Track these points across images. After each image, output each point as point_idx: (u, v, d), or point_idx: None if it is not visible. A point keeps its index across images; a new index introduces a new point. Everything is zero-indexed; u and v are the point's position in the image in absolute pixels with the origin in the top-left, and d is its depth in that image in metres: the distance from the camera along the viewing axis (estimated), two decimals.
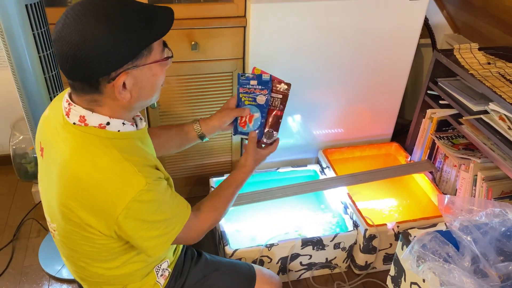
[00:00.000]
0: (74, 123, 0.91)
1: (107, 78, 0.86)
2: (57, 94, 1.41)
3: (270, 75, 1.26)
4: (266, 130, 1.28)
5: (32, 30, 1.27)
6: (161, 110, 1.79)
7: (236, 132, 1.30)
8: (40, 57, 1.32)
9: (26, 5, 1.23)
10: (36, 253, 1.74)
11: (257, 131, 1.27)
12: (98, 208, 0.89)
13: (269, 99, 1.27)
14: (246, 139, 1.29)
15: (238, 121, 1.29)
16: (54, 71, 1.39)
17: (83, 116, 0.91)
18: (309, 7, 1.63)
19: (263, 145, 1.29)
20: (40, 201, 1.93)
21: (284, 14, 1.62)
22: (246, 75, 1.27)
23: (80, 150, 0.90)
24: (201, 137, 1.30)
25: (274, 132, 1.28)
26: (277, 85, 1.28)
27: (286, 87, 1.28)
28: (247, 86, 1.26)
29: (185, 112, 1.82)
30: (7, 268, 1.68)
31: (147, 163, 0.94)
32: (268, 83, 1.26)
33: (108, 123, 0.92)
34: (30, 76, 1.34)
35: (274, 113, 1.28)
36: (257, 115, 1.27)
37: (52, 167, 0.94)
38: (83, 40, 0.81)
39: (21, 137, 1.91)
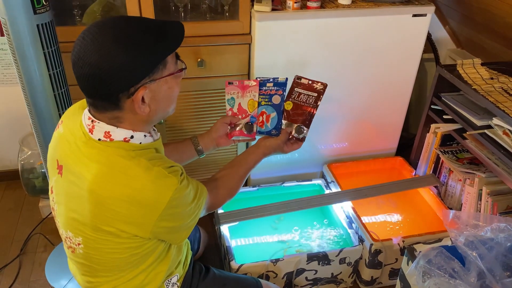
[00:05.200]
0: (99, 139, 0.94)
1: (126, 94, 0.90)
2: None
3: (286, 78, 1.33)
4: (296, 125, 1.32)
5: (43, 48, 1.31)
6: (167, 126, 1.81)
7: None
8: (50, 75, 1.35)
9: (38, 25, 1.27)
10: (42, 267, 1.74)
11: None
12: (137, 215, 0.93)
13: (284, 99, 1.33)
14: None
15: (257, 123, 1.36)
16: (63, 88, 1.42)
17: (108, 132, 0.94)
18: (313, 24, 1.65)
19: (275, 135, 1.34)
20: (48, 216, 1.95)
21: (288, 31, 1.65)
22: (263, 79, 1.33)
23: (110, 164, 0.92)
24: (199, 150, 1.35)
25: (304, 129, 1.32)
26: (314, 85, 1.36)
27: (322, 86, 1.36)
28: (263, 89, 1.33)
29: (191, 128, 1.84)
30: (14, 283, 1.69)
31: (170, 163, 0.98)
32: (284, 85, 1.33)
33: (132, 137, 0.96)
34: (40, 93, 1.37)
35: (307, 110, 1.32)
36: (274, 114, 1.33)
37: (78, 184, 0.95)
38: (102, 59, 0.85)
39: (29, 153, 1.93)
